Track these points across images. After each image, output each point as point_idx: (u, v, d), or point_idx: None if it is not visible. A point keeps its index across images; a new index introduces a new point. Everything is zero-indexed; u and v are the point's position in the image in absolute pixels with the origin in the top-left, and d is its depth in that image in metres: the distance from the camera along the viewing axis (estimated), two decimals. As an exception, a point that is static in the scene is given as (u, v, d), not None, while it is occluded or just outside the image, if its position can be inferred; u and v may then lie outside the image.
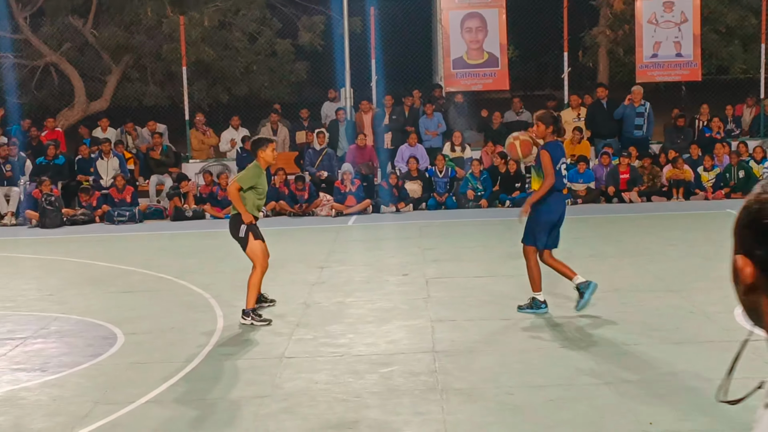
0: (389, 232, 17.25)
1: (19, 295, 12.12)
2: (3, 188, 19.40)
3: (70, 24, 25.16)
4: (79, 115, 24.92)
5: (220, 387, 8.02)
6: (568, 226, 10.64)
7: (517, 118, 21.82)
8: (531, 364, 8.32)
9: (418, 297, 11.23)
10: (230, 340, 9.54)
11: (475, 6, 22.68)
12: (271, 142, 10.61)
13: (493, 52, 22.65)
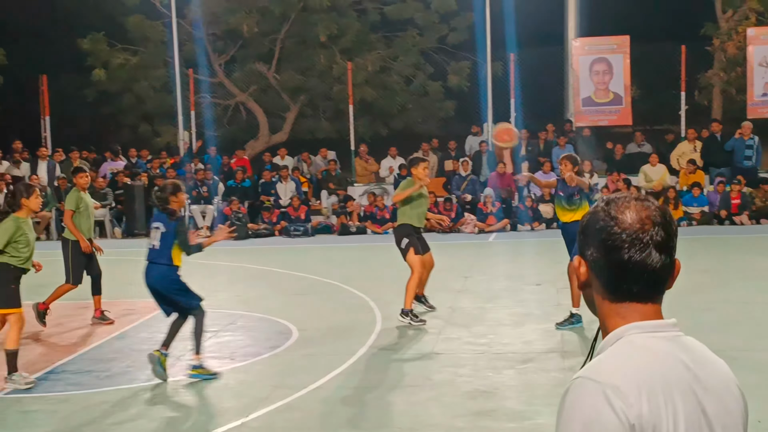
0: (525, 248, 17.06)
1: (211, 295, 12.44)
2: (200, 206, 20.04)
3: (256, 69, 25.86)
4: (262, 145, 25.55)
5: (378, 377, 8.06)
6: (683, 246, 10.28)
7: (639, 149, 21.32)
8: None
9: (550, 304, 11.04)
10: (387, 338, 9.57)
11: (602, 52, 22.48)
12: (424, 161, 10.57)
13: (617, 92, 22.34)
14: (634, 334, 1.77)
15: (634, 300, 1.80)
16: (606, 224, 1.79)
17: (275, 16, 25.31)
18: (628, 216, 1.78)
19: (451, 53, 25.67)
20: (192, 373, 8.03)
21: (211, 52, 25.89)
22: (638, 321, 1.78)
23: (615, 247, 1.77)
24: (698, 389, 1.73)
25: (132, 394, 7.86)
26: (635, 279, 1.78)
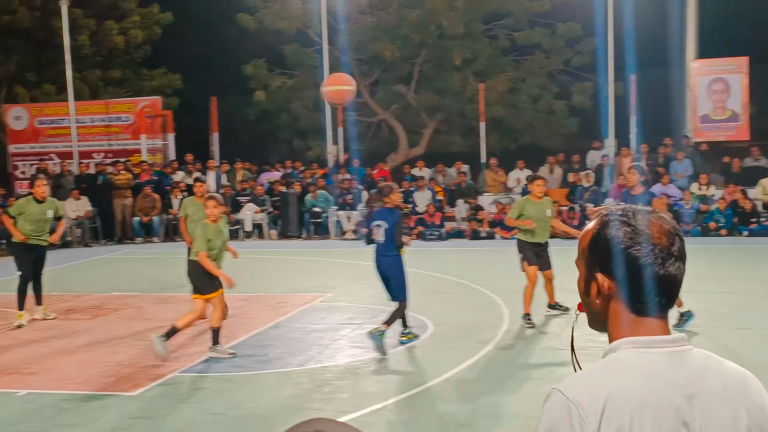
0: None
1: (357, 292, 12.60)
2: (345, 211, 20.31)
3: (397, 91, 26.09)
4: (402, 158, 25.72)
5: (506, 368, 7.95)
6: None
7: (755, 163, 20.34)
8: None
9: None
10: (512, 334, 9.45)
11: (721, 73, 21.64)
12: (539, 178, 10.31)
13: (735, 110, 21.45)
14: (626, 349, 1.67)
15: (652, 313, 1.69)
16: (635, 241, 1.67)
17: (415, 42, 25.46)
18: (656, 232, 1.67)
19: (575, 74, 25.21)
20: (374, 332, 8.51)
21: (357, 75, 26.24)
22: (639, 335, 1.68)
23: (650, 262, 1.66)
24: (682, 404, 1.60)
25: (285, 376, 8.02)
26: (666, 291, 1.68)
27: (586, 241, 1.75)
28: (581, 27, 24.39)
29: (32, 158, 23.86)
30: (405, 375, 7.88)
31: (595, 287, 1.73)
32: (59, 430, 6.64)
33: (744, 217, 18.28)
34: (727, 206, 18.43)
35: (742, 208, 18.35)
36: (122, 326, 10.50)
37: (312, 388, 7.55)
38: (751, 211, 18.35)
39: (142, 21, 28.36)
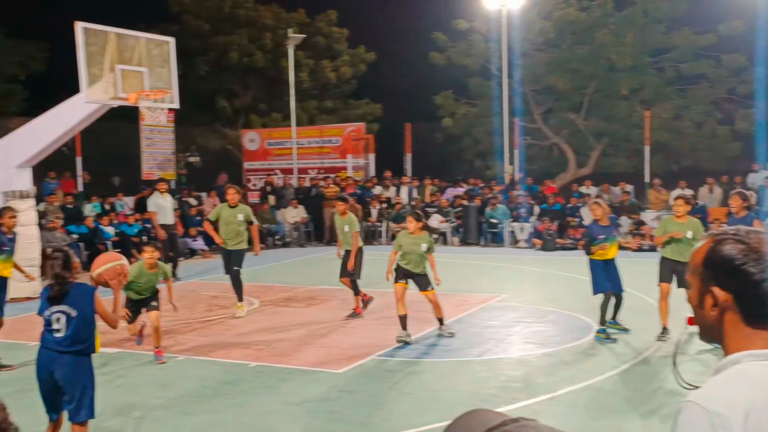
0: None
1: (527, 294, 12.48)
2: (519, 223, 20.10)
3: (568, 118, 25.54)
4: (570, 177, 25.13)
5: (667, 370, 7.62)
6: None
7: None
8: None
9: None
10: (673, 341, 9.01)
11: None
12: (679, 198, 9.33)
13: None
14: (748, 361, 1.58)
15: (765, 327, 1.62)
16: (750, 258, 1.60)
17: (585, 75, 24.84)
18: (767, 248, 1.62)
19: (738, 101, 23.63)
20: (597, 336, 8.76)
21: (532, 104, 25.96)
22: (759, 348, 1.59)
23: (764, 279, 1.60)
24: None
25: (465, 364, 8.10)
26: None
27: (701, 257, 1.69)
28: (746, 58, 22.84)
29: (261, 174, 25.36)
30: (572, 370, 7.75)
31: (710, 300, 1.67)
32: (281, 397, 7.07)
33: None
34: None
35: None
36: (330, 315, 10.97)
37: (488, 377, 7.59)
38: None
39: (350, 59, 29.47)
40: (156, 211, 14.45)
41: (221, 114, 28.03)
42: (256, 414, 6.57)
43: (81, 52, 11.36)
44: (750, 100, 23.12)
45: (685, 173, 23.11)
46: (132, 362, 8.46)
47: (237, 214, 10.89)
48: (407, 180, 22.97)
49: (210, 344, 9.23)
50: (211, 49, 26.98)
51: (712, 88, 23.99)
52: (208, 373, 7.92)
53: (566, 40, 25.00)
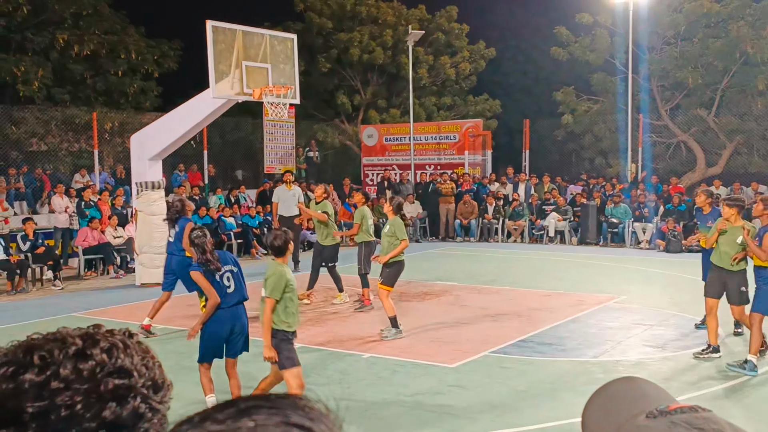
0: None
1: (648, 297, 12.01)
2: (641, 224, 19.35)
3: (698, 114, 24.36)
4: (699, 176, 23.95)
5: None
6: None
7: None
8: None
9: None
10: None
11: None
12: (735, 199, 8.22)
13: None
14: None
15: None
16: None
17: (718, 69, 23.59)
18: None
19: None
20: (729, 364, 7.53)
21: (659, 100, 24.93)
22: None
23: None
24: None
25: (580, 365, 7.89)
26: None
27: None
28: None
29: (378, 169, 25.65)
30: (696, 376, 7.39)
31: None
32: (393, 387, 7.14)
33: None
34: None
35: None
36: (443, 310, 10.97)
37: (605, 378, 7.33)
38: None
39: (470, 56, 29.29)
40: (277, 202, 14.98)
41: (341, 110, 28.55)
42: (368, 403, 6.66)
43: (210, 49, 11.86)
44: None
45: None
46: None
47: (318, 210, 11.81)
48: (525, 177, 22.61)
49: (325, 335, 9.43)
50: (333, 46, 27.52)
51: None
52: (323, 363, 8.10)
53: (698, 33, 23.83)
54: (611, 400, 0.93)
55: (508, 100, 30.46)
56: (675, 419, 0.79)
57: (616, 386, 0.96)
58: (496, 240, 20.75)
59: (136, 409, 0.91)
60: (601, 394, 0.96)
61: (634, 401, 0.88)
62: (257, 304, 6.01)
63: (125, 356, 0.94)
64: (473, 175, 23.57)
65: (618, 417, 0.86)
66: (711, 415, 0.81)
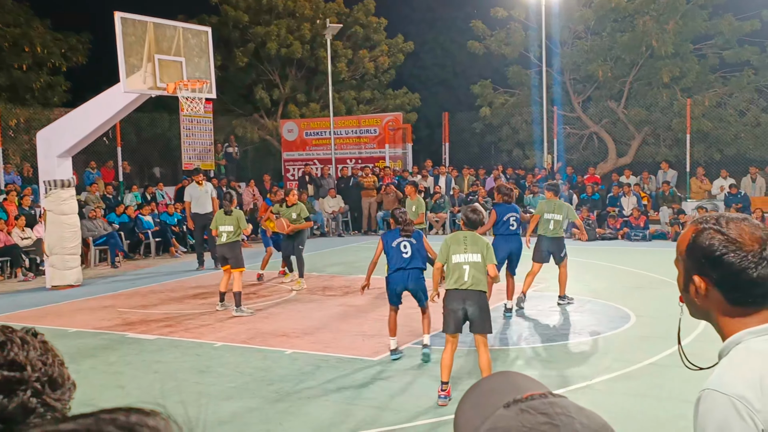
0: None
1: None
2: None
3: (608, 106, 25.13)
4: (610, 166, 24.74)
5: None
6: None
7: None
8: None
9: None
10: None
11: None
12: None
13: None
14: (750, 339, 1.61)
15: (754, 307, 1.63)
16: (729, 249, 1.61)
17: (626, 63, 24.41)
18: (747, 238, 1.61)
19: (784, 89, 22.99)
20: None
21: (571, 93, 25.60)
22: (755, 326, 1.62)
23: (744, 268, 1.60)
24: None
25: (502, 353, 8.00)
26: (760, 291, 1.61)
27: (683, 246, 1.71)
28: (791, 44, 22.22)
29: (299, 164, 25.46)
30: (609, 359, 7.61)
31: (693, 287, 1.69)
32: (316, 382, 7.08)
33: None
34: None
35: None
36: (367, 303, 10.97)
37: (523, 365, 7.51)
38: None
39: (388, 50, 29.38)
40: (189, 201, 14.79)
41: (260, 104, 28.18)
42: (292, 400, 6.59)
43: (120, 42, 11.48)
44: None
45: (727, 162, 22.61)
46: (168, 347, 8.55)
47: (291, 212, 12.14)
48: (445, 170, 22.85)
49: (247, 332, 9.29)
50: (250, 39, 27.11)
51: (756, 75, 23.36)
52: (245, 360, 7.97)
53: (606, 28, 24.58)
54: (483, 395, 0.94)
55: (427, 93, 30.73)
56: (524, 406, 0.82)
57: (489, 381, 0.98)
58: (418, 232, 20.89)
59: (25, 403, 0.89)
60: (474, 390, 0.97)
61: (503, 395, 0.89)
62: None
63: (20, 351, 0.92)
64: (394, 168, 23.67)
65: (486, 411, 0.87)
66: (560, 400, 0.82)
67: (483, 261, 6.34)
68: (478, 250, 6.34)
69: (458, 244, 6.42)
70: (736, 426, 1.49)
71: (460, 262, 6.33)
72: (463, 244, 6.40)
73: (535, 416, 0.79)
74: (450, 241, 6.50)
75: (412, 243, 7.66)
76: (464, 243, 6.39)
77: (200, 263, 14.92)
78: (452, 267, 6.37)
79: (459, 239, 6.46)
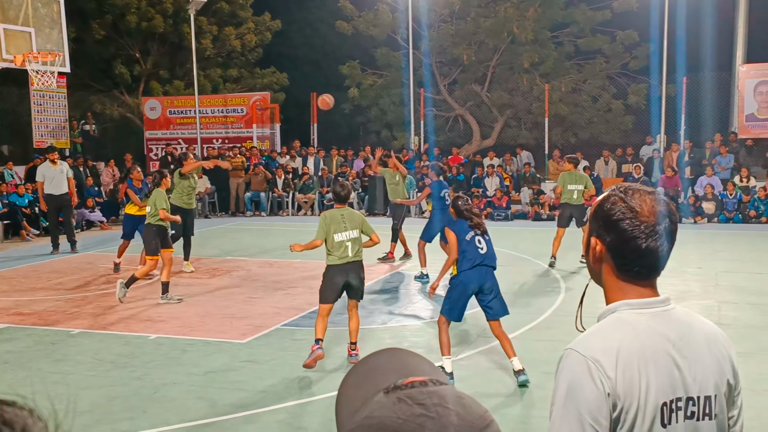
0: (689, 237, 15.96)
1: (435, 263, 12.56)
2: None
3: (472, 89, 25.85)
4: (475, 148, 25.52)
5: (562, 331, 7.86)
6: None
7: (797, 158, 19.46)
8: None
9: (709, 284, 10.34)
10: (571, 302, 9.33)
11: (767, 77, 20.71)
12: None
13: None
14: (624, 310, 1.69)
15: (638, 279, 1.70)
16: (626, 216, 1.67)
17: (489, 47, 25.17)
18: (646, 209, 1.67)
19: (631, 77, 24.51)
20: None
21: (437, 75, 26.13)
22: (634, 298, 1.70)
23: (635, 236, 1.66)
24: (676, 355, 1.64)
25: (369, 333, 8.10)
26: (646, 263, 1.68)
27: (592, 209, 1.79)
28: (638, 34, 23.72)
29: (163, 143, 24.58)
30: (473, 336, 7.88)
31: (592, 249, 1.76)
32: (183, 368, 6.89)
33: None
34: (767, 196, 17.70)
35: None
36: (235, 285, 10.78)
37: (393, 343, 7.63)
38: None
39: (255, 27, 28.81)
40: (42, 181, 13.89)
41: (119, 80, 26.91)
42: (156, 386, 6.38)
43: (-39, 9, 10.61)
44: (642, 75, 24.04)
45: (582, 145, 23.88)
46: (20, 336, 8.06)
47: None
48: (313, 151, 22.76)
49: (108, 318, 8.90)
50: (108, 11, 25.77)
51: (607, 63, 24.77)
52: (106, 347, 7.64)
53: (471, 13, 25.22)
54: (368, 373, 0.91)
55: (296, 73, 30.41)
56: (402, 395, 0.80)
57: (376, 358, 0.95)
58: (287, 213, 20.76)
59: None
60: (359, 367, 0.94)
61: (387, 374, 0.87)
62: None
63: None
64: (261, 148, 23.33)
65: (367, 391, 0.85)
66: (441, 389, 0.81)
67: (360, 235, 6.84)
68: (356, 225, 6.81)
69: (338, 223, 6.78)
70: (586, 385, 1.59)
71: (343, 240, 6.74)
72: (342, 222, 6.77)
73: (411, 407, 0.78)
74: (329, 220, 6.79)
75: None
76: (343, 221, 6.78)
77: (55, 247, 14.11)
78: (336, 245, 6.73)
79: (337, 218, 6.80)
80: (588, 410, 1.58)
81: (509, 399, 6.09)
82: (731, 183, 18.40)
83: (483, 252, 6.43)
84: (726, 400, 1.71)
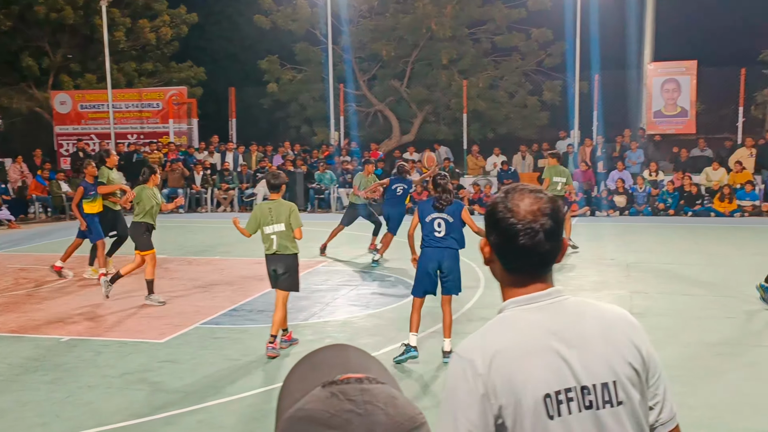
0: (602, 230, 16.54)
1: (354, 258, 12.57)
2: (346, 189, 20.25)
3: (392, 85, 25.99)
4: (395, 144, 25.67)
5: (480, 324, 7.98)
6: (738, 233, 9.71)
7: (701, 153, 20.36)
8: (707, 325, 7.73)
9: (621, 275, 10.72)
10: (491, 294, 9.48)
11: (673, 74, 21.62)
12: None
13: (684, 107, 21.49)
14: (511, 308, 1.71)
15: (523, 275, 1.72)
16: (504, 215, 1.70)
17: (408, 43, 25.36)
18: (522, 208, 1.69)
19: (546, 74, 25.15)
20: None
21: (357, 71, 26.15)
22: (522, 295, 1.72)
23: (511, 234, 1.68)
24: (560, 346, 1.63)
25: (291, 329, 8.05)
26: (526, 260, 1.70)
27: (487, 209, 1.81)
28: (552, 32, 24.34)
29: (75, 138, 23.74)
30: (393, 330, 7.93)
31: (481, 250, 1.80)
32: (98, 369, 6.68)
33: (690, 200, 18.35)
34: (674, 190, 18.48)
35: (689, 191, 18.40)
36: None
37: (314, 339, 7.60)
38: (695, 195, 18.42)
39: (171, 20, 28.14)
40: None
41: (27, 73, 25.82)
42: (70, 389, 6.17)
43: None
44: (556, 72, 24.69)
45: (500, 140, 24.36)
46: (-76, 343, 7.64)
47: None
48: (232, 146, 22.43)
49: (15, 321, 8.54)
50: (14, 1, 24.68)
51: (523, 60, 25.33)
52: (15, 351, 7.33)
53: (390, 8, 25.33)
54: (312, 367, 0.91)
55: (214, 67, 29.87)
56: (336, 390, 0.80)
57: (323, 353, 0.95)
58: (206, 210, 20.39)
59: None
60: (305, 360, 0.94)
61: (329, 370, 0.87)
62: None
63: None
64: (178, 144, 22.83)
65: (308, 385, 0.85)
66: (375, 387, 0.81)
67: (288, 228, 6.93)
68: (282, 219, 6.92)
69: (265, 216, 6.96)
70: (460, 386, 1.61)
71: (269, 233, 6.96)
72: (269, 215, 6.94)
73: (341, 402, 0.78)
74: (258, 214, 7.01)
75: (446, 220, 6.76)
76: (270, 215, 6.93)
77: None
78: (264, 237, 7.00)
79: (265, 211, 6.98)
80: (462, 410, 1.59)
81: (431, 391, 6.15)
82: (641, 177, 19.13)
83: (439, 235, 6.73)
84: (634, 386, 1.67)
